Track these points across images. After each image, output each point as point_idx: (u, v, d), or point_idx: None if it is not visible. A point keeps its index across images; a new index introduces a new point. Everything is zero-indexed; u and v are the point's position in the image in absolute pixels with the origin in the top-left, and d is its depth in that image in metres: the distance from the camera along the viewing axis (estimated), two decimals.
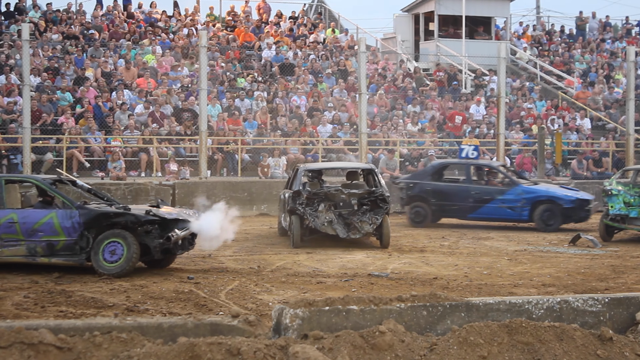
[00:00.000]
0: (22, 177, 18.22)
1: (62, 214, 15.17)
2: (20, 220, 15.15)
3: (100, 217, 15.18)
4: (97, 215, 15.19)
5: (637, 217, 21.05)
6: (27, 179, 16.99)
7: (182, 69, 33.65)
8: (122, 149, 28.08)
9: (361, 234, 19.43)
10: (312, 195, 19.54)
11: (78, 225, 15.07)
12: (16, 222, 15.15)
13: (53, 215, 15.19)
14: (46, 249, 15.11)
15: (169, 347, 8.17)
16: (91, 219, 15.12)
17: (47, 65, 31.63)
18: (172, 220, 15.46)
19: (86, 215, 15.15)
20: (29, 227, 15.12)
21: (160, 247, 15.19)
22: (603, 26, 46.58)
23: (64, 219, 15.11)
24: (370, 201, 19.54)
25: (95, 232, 15.05)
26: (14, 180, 17.22)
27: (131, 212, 15.32)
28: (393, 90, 35.67)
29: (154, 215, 15.33)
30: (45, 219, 15.16)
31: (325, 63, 36.74)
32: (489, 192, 24.31)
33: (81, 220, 15.08)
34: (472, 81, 38.52)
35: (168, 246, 15.27)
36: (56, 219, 15.14)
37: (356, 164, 24.45)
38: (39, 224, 15.14)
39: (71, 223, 15.08)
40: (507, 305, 9.31)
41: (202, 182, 26.03)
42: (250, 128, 30.78)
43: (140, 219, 15.19)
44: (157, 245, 15.15)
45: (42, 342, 8.09)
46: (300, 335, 8.62)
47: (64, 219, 15.11)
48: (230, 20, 40.15)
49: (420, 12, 42.80)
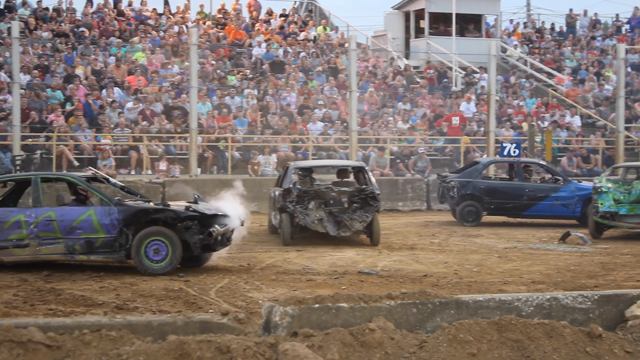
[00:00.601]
0: (58, 175, 18.21)
1: (101, 211, 15.03)
2: (58, 218, 15.01)
3: (140, 213, 15.08)
4: (136, 212, 15.09)
5: (626, 215, 21.10)
6: (64, 177, 16.93)
7: (173, 67, 33.62)
8: (112, 146, 28.04)
9: (351, 232, 19.37)
10: (302, 193, 19.46)
11: (117, 222, 14.94)
12: (54, 219, 15.00)
13: (91, 213, 15.05)
14: (85, 247, 14.98)
15: (159, 345, 8.16)
16: (130, 215, 15.01)
17: (37, 63, 31.55)
18: (212, 216, 15.38)
19: (125, 212, 15.03)
20: (67, 224, 14.97)
21: (200, 243, 15.04)
22: (593, 24, 46.63)
23: (103, 216, 14.98)
24: (361, 199, 19.46)
25: (134, 229, 14.96)
26: (50, 178, 17.24)
27: (171, 208, 15.22)
28: (383, 87, 35.68)
29: (194, 211, 15.24)
30: (84, 216, 15.02)
31: (316, 61, 36.73)
32: (542, 190, 24.30)
33: (120, 217, 14.96)
34: (462, 79, 38.53)
35: (208, 242, 15.15)
36: (95, 216, 15.00)
37: (346, 161, 24.40)
38: (78, 222, 14.99)
39: (110, 220, 14.95)
40: (496, 302, 9.32)
41: (192, 179, 26.01)
42: (240, 126, 30.76)
43: (180, 215, 15.06)
44: (197, 241, 15.00)
45: (31, 340, 8.07)
46: (290, 332, 8.62)
47: (103, 216, 14.98)
48: (220, 18, 40.11)
49: (410, 10, 42.78)
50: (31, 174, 16.60)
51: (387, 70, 37.72)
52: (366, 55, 39.01)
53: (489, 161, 26.11)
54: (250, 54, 36.70)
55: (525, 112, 35.18)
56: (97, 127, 28.59)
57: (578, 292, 9.83)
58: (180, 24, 37.51)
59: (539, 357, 8.74)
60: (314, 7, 44.29)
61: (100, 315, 9.27)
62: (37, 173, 17.75)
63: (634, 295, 9.80)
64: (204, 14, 40.68)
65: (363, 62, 37.33)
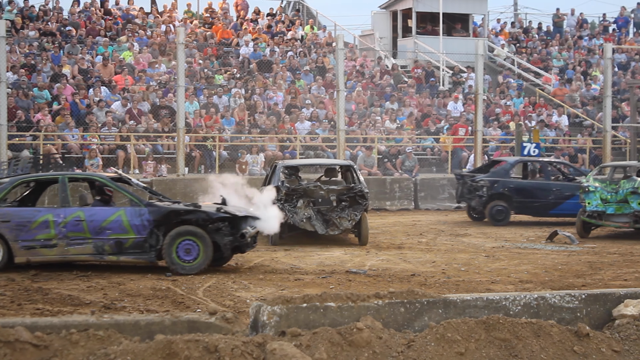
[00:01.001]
0: (86, 176, 18.14)
1: (131, 212, 14.98)
2: (87, 218, 14.94)
3: (171, 214, 15.03)
4: (167, 213, 15.03)
5: (614, 214, 21.14)
6: (92, 177, 16.84)
7: (160, 66, 33.56)
8: (99, 146, 27.98)
9: (340, 231, 19.28)
10: (290, 191, 19.31)
11: (148, 223, 14.90)
12: (83, 220, 14.93)
13: (122, 213, 14.99)
14: (114, 247, 14.92)
15: (146, 345, 8.15)
16: (161, 216, 14.97)
17: (24, 62, 31.47)
18: (243, 218, 15.35)
19: (156, 212, 14.99)
20: (96, 225, 14.90)
21: (230, 244, 15.07)
22: (580, 23, 46.72)
23: (133, 217, 14.92)
24: (349, 197, 19.38)
25: (165, 230, 14.90)
26: (77, 178, 17.17)
27: (202, 209, 15.17)
28: (371, 87, 35.69)
29: (225, 212, 15.21)
30: (114, 216, 14.96)
31: (303, 60, 36.71)
32: (570, 188, 24.19)
33: (151, 217, 14.92)
34: (449, 78, 38.57)
35: (240, 243, 15.16)
36: (125, 216, 14.94)
37: (334, 160, 24.42)
38: (107, 222, 14.92)
39: (140, 220, 14.90)
40: (484, 301, 9.33)
41: (179, 179, 25.97)
42: (228, 125, 30.72)
43: (211, 216, 15.03)
44: (228, 242, 15.02)
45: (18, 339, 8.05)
46: (277, 332, 8.62)
47: (133, 217, 14.92)
48: (208, 17, 40.05)
49: (398, 9, 42.82)
50: (58, 174, 16.49)
51: (374, 70, 37.73)
52: (354, 55, 39.03)
53: (516, 160, 25.95)
54: (237, 53, 36.67)
55: (512, 111, 35.25)
56: (84, 127, 28.51)
57: (566, 292, 9.85)
58: (168, 23, 37.44)
59: (526, 356, 8.76)
60: (301, 6, 44.27)
61: (88, 315, 9.25)
62: (64, 173, 17.57)
63: (621, 294, 9.82)
64: (191, 13, 40.61)
65: (351, 62, 37.35)
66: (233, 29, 38.76)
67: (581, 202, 21.47)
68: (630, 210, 20.92)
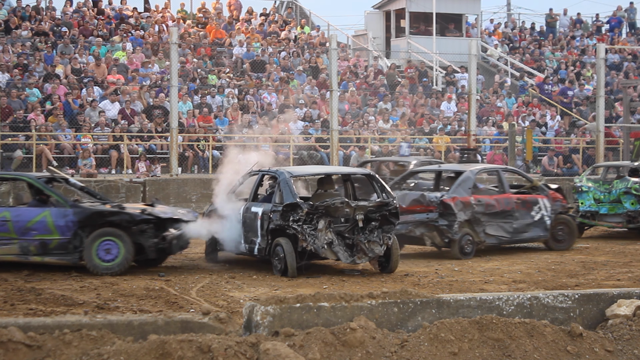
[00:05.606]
0: (15, 175, 18.06)
1: (56, 213, 14.95)
2: (13, 219, 14.94)
3: (95, 215, 14.99)
4: (91, 214, 14.99)
5: (607, 214, 21.19)
6: (20, 177, 16.80)
7: (153, 66, 33.50)
8: (93, 146, 27.93)
9: (368, 258, 15.22)
10: (313, 209, 15.03)
11: (72, 224, 14.86)
12: (9, 220, 14.93)
13: (47, 214, 14.96)
14: (39, 248, 14.90)
15: (140, 345, 8.14)
16: (85, 217, 14.92)
17: (17, 62, 31.41)
18: (167, 220, 15.32)
19: (80, 213, 14.95)
20: (22, 225, 14.89)
21: (154, 246, 15.04)
22: (573, 23, 46.79)
23: (58, 218, 14.89)
24: (381, 215, 15.42)
25: (89, 231, 14.85)
26: (6, 178, 17.08)
27: (126, 210, 15.15)
28: (364, 87, 35.68)
29: (149, 214, 15.18)
30: (39, 217, 14.93)
31: (297, 60, 36.70)
32: None
33: (75, 218, 14.88)
34: (443, 78, 38.60)
35: (163, 246, 15.14)
36: (50, 217, 14.92)
37: (351, 169, 21.36)
38: (32, 223, 14.91)
39: (65, 222, 14.87)
40: (477, 301, 9.34)
41: (173, 179, 25.92)
42: (221, 125, 30.69)
43: (135, 217, 15.02)
44: (152, 244, 15.01)
45: (11, 340, 8.04)
46: (271, 332, 8.62)
47: (58, 218, 14.89)
48: (201, 17, 40.02)
49: (391, 9, 42.83)
50: None
51: (367, 70, 37.74)
52: (347, 55, 39.02)
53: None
54: (230, 53, 36.64)
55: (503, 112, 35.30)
56: (77, 127, 28.46)
57: (559, 292, 9.87)
58: (161, 23, 37.39)
59: (519, 356, 8.77)
60: (294, 6, 44.26)
61: (81, 315, 9.24)
62: None
63: (614, 294, 9.84)
64: (184, 12, 40.58)
65: (344, 62, 37.34)
66: (225, 29, 38.73)
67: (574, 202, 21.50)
68: (623, 210, 20.97)
